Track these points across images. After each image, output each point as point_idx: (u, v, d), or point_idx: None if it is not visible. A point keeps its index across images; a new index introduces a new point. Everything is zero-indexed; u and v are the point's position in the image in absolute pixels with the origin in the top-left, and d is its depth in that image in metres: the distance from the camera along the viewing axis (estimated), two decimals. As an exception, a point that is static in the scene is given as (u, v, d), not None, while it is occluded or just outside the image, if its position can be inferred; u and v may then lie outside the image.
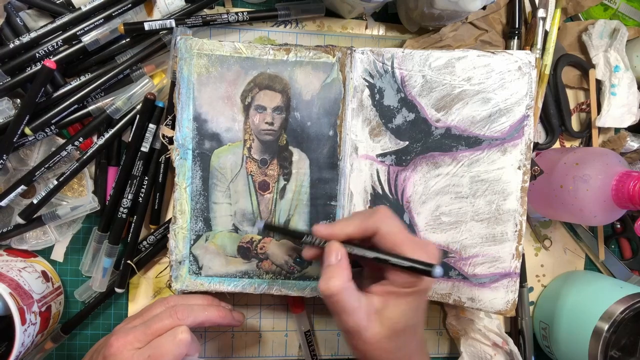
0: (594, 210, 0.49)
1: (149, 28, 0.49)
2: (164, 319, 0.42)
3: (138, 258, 0.52)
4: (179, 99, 0.48)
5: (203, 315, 0.44)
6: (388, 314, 0.39)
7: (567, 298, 0.56)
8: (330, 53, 0.49)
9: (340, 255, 0.40)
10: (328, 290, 0.38)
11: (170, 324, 0.42)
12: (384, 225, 0.40)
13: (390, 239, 0.39)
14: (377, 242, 0.40)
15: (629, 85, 0.58)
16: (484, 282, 0.50)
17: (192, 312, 0.43)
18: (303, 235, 0.43)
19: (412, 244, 0.39)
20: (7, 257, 0.49)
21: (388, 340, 0.39)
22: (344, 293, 0.38)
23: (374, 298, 0.40)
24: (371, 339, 0.39)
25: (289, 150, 0.49)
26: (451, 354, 0.60)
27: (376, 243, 0.40)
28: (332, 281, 0.38)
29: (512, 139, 0.49)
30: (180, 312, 0.43)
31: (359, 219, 0.41)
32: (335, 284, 0.38)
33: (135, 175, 0.50)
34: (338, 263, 0.39)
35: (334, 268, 0.39)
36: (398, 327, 0.39)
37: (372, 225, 0.40)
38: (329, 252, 0.40)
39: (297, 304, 0.55)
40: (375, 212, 0.41)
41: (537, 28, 0.56)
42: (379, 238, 0.40)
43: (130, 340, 0.41)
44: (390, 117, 0.49)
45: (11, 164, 0.51)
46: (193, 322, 0.43)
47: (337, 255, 0.40)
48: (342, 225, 0.41)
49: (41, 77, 0.46)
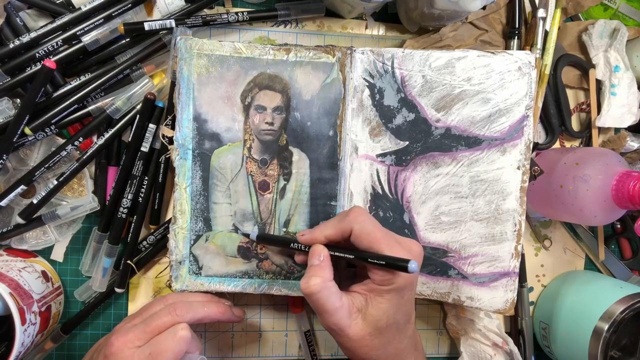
0: (594, 210, 0.49)
1: (149, 28, 0.49)
2: (163, 316, 0.42)
3: (138, 258, 0.52)
4: (179, 99, 0.48)
5: (202, 312, 0.44)
6: (370, 312, 0.40)
7: (567, 298, 0.56)
8: (330, 53, 0.49)
9: (322, 257, 0.41)
10: (308, 289, 0.39)
11: (170, 321, 0.42)
12: (356, 224, 0.40)
13: (365, 238, 0.40)
14: (354, 242, 0.41)
15: (629, 85, 0.58)
16: (483, 281, 0.50)
17: (192, 309, 0.44)
18: (291, 242, 0.44)
19: (388, 241, 0.40)
20: (7, 257, 0.49)
21: (372, 338, 0.40)
22: (324, 292, 0.39)
23: (357, 296, 0.41)
24: (354, 336, 0.40)
25: (289, 150, 0.49)
26: (451, 354, 0.60)
27: (353, 242, 0.41)
28: (312, 280, 0.39)
29: (511, 139, 0.49)
30: (180, 309, 0.43)
31: (335, 220, 0.42)
32: (314, 283, 0.39)
33: (135, 175, 0.50)
34: (320, 263, 0.40)
35: (315, 268, 0.40)
36: (381, 324, 0.40)
37: (346, 226, 0.41)
38: (312, 254, 0.42)
39: (297, 304, 0.55)
40: (349, 213, 0.41)
41: (537, 28, 0.56)
42: (354, 238, 0.41)
43: (130, 338, 0.41)
44: (390, 117, 0.49)
45: (11, 163, 0.51)
46: (192, 319, 0.43)
47: (320, 257, 0.41)
48: (321, 229, 0.43)
49: (41, 77, 0.46)
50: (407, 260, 0.37)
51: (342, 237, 0.42)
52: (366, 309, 0.40)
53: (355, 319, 0.40)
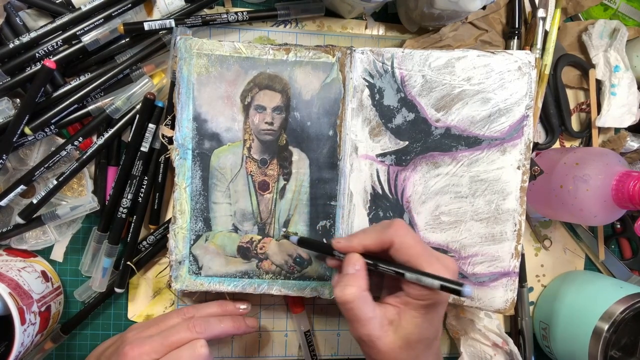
0: (594, 210, 0.49)
1: (148, 28, 0.49)
2: (182, 331, 0.43)
3: (138, 258, 0.52)
4: (179, 98, 0.48)
5: (219, 328, 0.46)
6: (402, 325, 0.39)
7: (567, 298, 0.56)
8: (330, 53, 0.49)
9: (358, 266, 0.41)
10: (343, 298, 0.39)
11: (189, 337, 0.43)
12: (398, 237, 0.40)
13: (405, 252, 0.40)
14: (393, 255, 0.41)
15: (629, 85, 0.58)
16: (483, 281, 0.50)
17: (210, 326, 0.45)
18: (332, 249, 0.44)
19: (428, 257, 0.39)
20: (7, 257, 0.49)
21: (401, 351, 0.39)
22: (358, 302, 0.39)
23: (389, 308, 0.40)
24: (384, 348, 0.39)
25: (288, 150, 0.49)
26: (451, 354, 0.60)
27: (392, 255, 0.41)
28: (347, 289, 0.39)
29: (511, 139, 0.49)
30: (199, 326, 0.44)
31: (375, 231, 0.42)
32: (350, 292, 0.39)
33: (135, 175, 0.50)
34: (356, 272, 0.40)
35: (351, 277, 0.40)
36: (412, 338, 0.39)
37: (387, 238, 0.40)
38: (348, 262, 0.41)
39: (297, 304, 0.55)
40: (391, 225, 0.41)
41: (537, 28, 0.56)
42: (394, 251, 0.40)
43: (146, 350, 0.41)
44: (390, 117, 0.49)
45: (11, 163, 0.51)
46: (210, 335, 0.44)
47: (356, 266, 0.41)
48: (359, 238, 0.42)
49: (41, 77, 0.46)
50: (461, 284, 0.37)
51: (380, 248, 0.41)
52: (399, 321, 0.39)
53: (386, 331, 0.39)
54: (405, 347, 0.39)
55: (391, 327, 0.39)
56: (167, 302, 0.55)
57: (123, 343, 0.42)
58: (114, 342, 0.45)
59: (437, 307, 0.40)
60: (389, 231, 0.41)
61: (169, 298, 0.55)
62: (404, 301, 0.40)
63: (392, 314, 0.40)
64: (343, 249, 0.42)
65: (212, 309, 0.49)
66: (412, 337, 0.39)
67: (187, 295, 0.55)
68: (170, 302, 0.55)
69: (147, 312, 0.54)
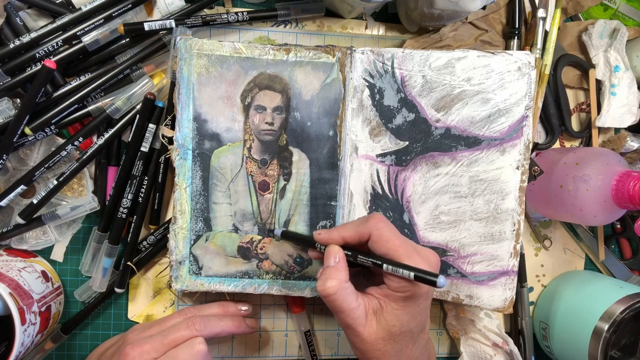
0: (594, 210, 0.49)
1: (148, 28, 0.49)
2: (182, 329, 0.43)
3: (138, 258, 0.52)
4: (179, 99, 0.48)
5: (219, 327, 0.46)
6: (384, 316, 0.40)
7: (567, 298, 0.56)
8: (330, 53, 0.49)
9: (338, 258, 0.41)
10: (325, 291, 0.40)
11: (188, 335, 0.43)
12: (376, 230, 0.41)
13: (382, 244, 0.40)
14: (371, 247, 0.41)
15: (629, 85, 0.58)
16: (482, 280, 0.50)
17: (209, 324, 0.45)
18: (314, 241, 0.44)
19: (406, 250, 0.40)
20: (7, 257, 0.49)
21: (385, 343, 0.40)
22: (340, 293, 0.39)
23: (372, 299, 0.41)
24: (368, 337, 0.40)
25: (289, 150, 0.49)
26: (451, 354, 0.60)
27: (371, 247, 0.41)
28: (328, 282, 0.40)
29: (511, 139, 0.49)
30: (198, 324, 0.44)
31: (354, 224, 0.42)
32: (331, 285, 0.39)
33: (135, 175, 0.50)
34: (335, 265, 0.41)
35: (331, 270, 0.40)
36: (394, 330, 0.40)
37: (365, 230, 0.41)
38: (328, 254, 0.42)
39: (297, 304, 0.55)
40: (369, 219, 0.42)
41: (537, 28, 0.56)
42: (372, 243, 0.41)
43: (147, 349, 0.41)
44: (390, 117, 0.49)
45: (11, 163, 0.51)
46: (210, 333, 0.45)
47: (336, 258, 0.41)
48: (339, 230, 0.43)
49: (41, 77, 0.46)
50: (436, 275, 0.37)
51: (359, 240, 0.42)
52: (381, 313, 0.40)
53: (370, 320, 0.40)
54: (388, 338, 0.40)
55: (374, 317, 0.40)
56: (167, 302, 0.55)
57: (124, 343, 0.43)
58: (115, 342, 0.45)
59: (417, 300, 0.40)
60: (367, 224, 0.41)
61: (169, 298, 0.55)
62: (385, 293, 0.40)
63: (375, 305, 0.41)
64: (323, 240, 0.43)
65: (214, 310, 0.50)
66: (394, 330, 0.40)
67: (187, 296, 0.55)
68: (171, 302, 0.55)
69: (147, 312, 0.54)
